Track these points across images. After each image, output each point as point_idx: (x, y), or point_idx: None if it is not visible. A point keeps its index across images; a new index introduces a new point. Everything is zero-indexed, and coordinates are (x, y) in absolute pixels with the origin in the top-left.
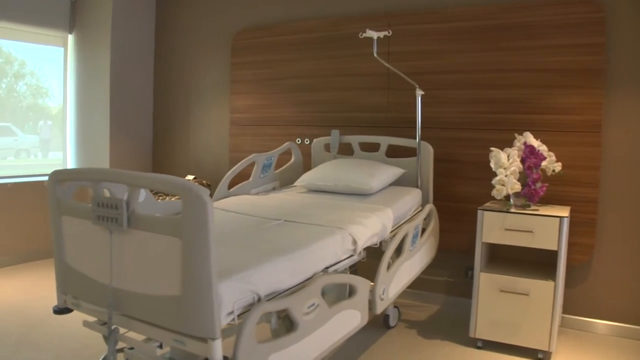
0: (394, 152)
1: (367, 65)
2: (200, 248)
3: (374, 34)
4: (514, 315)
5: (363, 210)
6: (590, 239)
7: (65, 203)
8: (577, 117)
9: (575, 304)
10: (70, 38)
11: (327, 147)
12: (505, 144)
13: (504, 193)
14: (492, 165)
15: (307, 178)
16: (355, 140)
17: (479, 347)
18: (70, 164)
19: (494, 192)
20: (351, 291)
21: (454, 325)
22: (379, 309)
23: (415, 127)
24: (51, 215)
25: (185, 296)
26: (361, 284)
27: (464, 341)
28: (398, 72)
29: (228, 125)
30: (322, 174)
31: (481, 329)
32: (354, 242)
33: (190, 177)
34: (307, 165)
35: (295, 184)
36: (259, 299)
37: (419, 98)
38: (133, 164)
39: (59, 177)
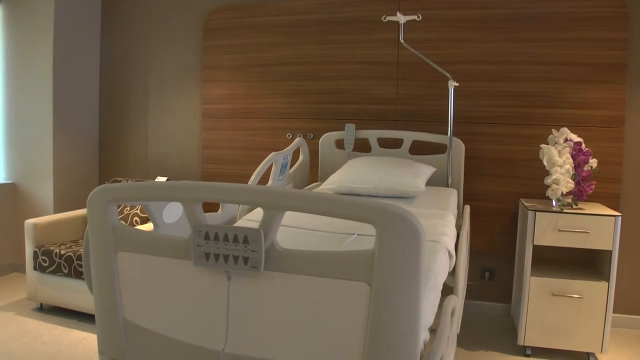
0: (414, 149)
1: (372, 53)
2: (405, 300)
3: (402, 18)
4: (566, 319)
5: (430, 217)
6: None
7: (124, 233)
8: (600, 112)
9: None
10: None
11: (338, 144)
12: (527, 139)
13: (559, 193)
14: (545, 163)
15: (337, 180)
16: (373, 135)
17: (527, 355)
18: None
19: (549, 192)
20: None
21: (491, 332)
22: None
23: (431, 121)
24: (95, 250)
25: None
26: (458, 303)
27: (511, 349)
28: (429, 61)
29: (199, 117)
30: (356, 174)
31: (531, 335)
32: (450, 257)
33: (162, 178)
34: (314, 164)
35: (324, 186)
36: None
37: (452, 90)
38: (77, 165)
39: (115, 195)
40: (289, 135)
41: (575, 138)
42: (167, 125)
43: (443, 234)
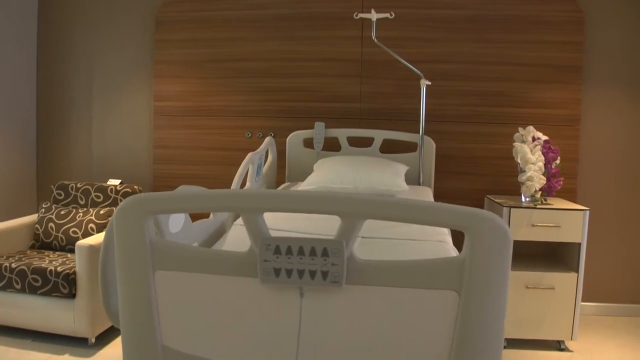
0: (383, 148)
1: (334, 50)
2: (494, 305)
3: (374, 16)
4: (539, 311)
5: None
6: None
7: (165, 249)
8: (557, 111)
9: None
10: None
11: (306, 142)
12: (490, 137)
13: (534, 190)
14: (519, 160)
15: (317, 180)
16: (342, 134)
17: (504, 347)
18: None
19: (523, 189)
20: None
21: None
22: None
23: (395, 119)
24: (127, 269)
25: None
26: None
27: None
28: (401, 59)
29: (150, 115)
30: (335, 174)
31: (505, 328)
32: None
33: (114, 181)
34: (281, 164)
35: (302, 187)
36: None
37: (424, 88)
38: (11, 169)
39: (154, 207)
40: (249, 134)
41: (542, 136)
42: (114, 123)
43: (444, 234)
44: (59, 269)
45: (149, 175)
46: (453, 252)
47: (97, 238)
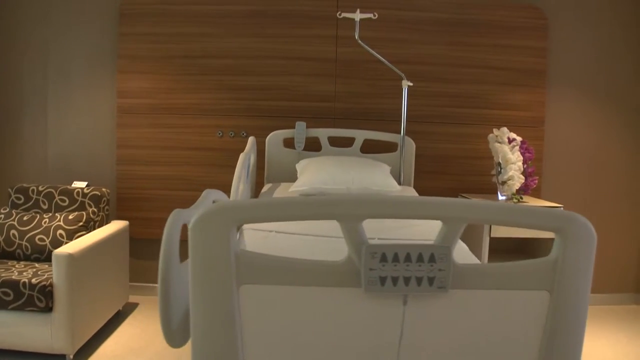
0: (363, 148)
1: (309, 49)
2: (581, 303)
3: (357, 16)
4: None
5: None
6: None
7: (252, 261)
8: (523, 113)
9: None
10: None
11: (287, 142)
12: (460, 137)
13: (514, 189)
14: (500, 160)
15: (308, 181)
16: (323, 134)
17: None
18: None
19: (504, 188)
20: None
21: None
22: None
23: (369, 119)
24: (205, 285)
25: None
26: None
27: None
28: (384, 60)
29: (113, 113)
30: (327, 175)
31: None
32: None
33: (80, 184)
34: (259, 165)
35: (294, 188)
36: None
37: (406, 89)
38: None
39: (242, 215)
40: (220, 134)
41: (517, 137)
42: (72, 121)
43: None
44: (33, 280)
45: (111, 177)
46: (469, 252)
47: (75, 246)
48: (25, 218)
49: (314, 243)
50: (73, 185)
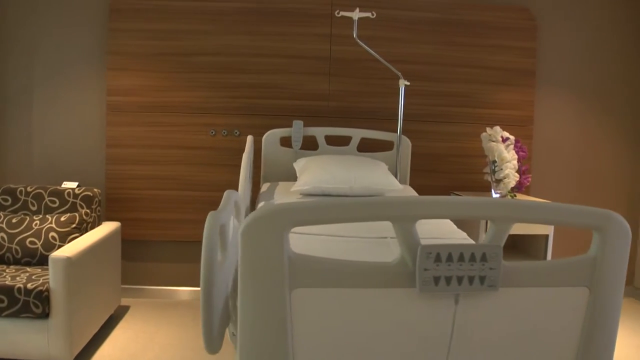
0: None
1: (303, 47)
2: (617, 299)
3: (356, 14)
4: None
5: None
6: None
7: (305, 265)
8: (513, 112)
9: None
10: None
11: (284, 141)
12: (452, 136)
13: (510, 187)
14: (496, 159)
15: (310, 180)
16: (320, 132)
17: None
18: None
19: (500, 186)
20: None
21: None
22: None
23: (363, 118)
24: (257, 290)
25: None
26: None
27: None
28: (381, 59)
29: (103, 110)
30: (329, 174)
31: None
32: None
33: (71, 184)
34: (256, 164)
35: (296, 187)
36: None
37: (402, 88)
38: None
39: (297, 217)
40: (212, 132)
41: (510, 136)
42: (59, 119)
43: (464, 234)
44: (28, 286)
45: (100, 177)
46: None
47: (72, 249)
48: (14, 220)
49: (345, 244)
50: (63, 185)
